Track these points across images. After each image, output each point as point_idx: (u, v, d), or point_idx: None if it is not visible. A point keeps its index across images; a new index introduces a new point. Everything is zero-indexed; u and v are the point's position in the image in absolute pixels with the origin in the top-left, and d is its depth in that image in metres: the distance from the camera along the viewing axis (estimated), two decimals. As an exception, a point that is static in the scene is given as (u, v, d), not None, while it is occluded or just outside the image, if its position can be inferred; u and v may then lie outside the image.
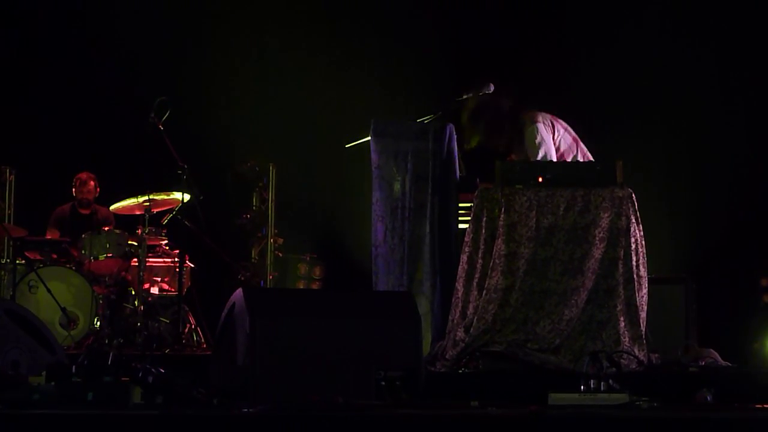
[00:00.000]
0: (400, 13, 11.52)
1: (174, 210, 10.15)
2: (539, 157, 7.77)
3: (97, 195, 11.14)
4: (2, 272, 10.00)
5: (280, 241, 11.33)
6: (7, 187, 10.71)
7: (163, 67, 11.64)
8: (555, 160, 7.81)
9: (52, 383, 5.63)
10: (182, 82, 11.40)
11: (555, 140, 7.89)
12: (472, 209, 7.46)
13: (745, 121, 10.55)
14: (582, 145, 8.00)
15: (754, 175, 10.50)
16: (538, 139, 7.79)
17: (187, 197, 10.00)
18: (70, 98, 11.87)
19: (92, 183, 11.11)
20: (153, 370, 5.67)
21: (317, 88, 11.80)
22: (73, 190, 11.16)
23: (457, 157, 7.89)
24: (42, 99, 11.84)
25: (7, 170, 10.72)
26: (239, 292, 6.33)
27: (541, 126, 7.85)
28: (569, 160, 7.88)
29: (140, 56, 11.50)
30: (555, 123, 7.95)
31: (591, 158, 7.95)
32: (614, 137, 9.95)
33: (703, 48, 10.65)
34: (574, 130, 8.05)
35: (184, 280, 10.04)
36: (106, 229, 10.51)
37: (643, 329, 7.18)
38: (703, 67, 10.58)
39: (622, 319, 7.12)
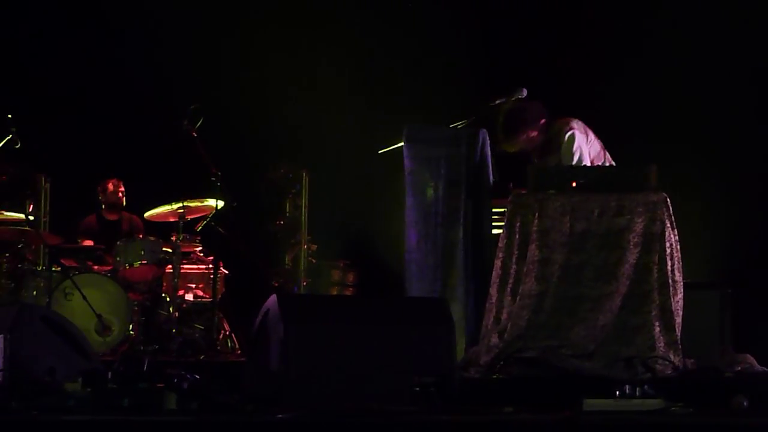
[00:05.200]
0: (432, 19, 11.51)
1: (208, 217, 10.19)
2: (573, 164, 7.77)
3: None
4: (38, 279, 10.05)
5: (314, 247, 11.33)
6: (43, 195, 10.77)
7: (196, 74, 11.68)
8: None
9: (88, 389, 5.66)
10: (215, 90, 11.44)
11: (587, 146, 7.90)
12: (506, 214, 7.44)
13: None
14: (607, 154, 8.00)
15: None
16: (575, 147, 7.79)
17: (220, 204, 10.04)
18: (104, 106, 11.93)
19: (122, 188, 11.23)
20: (188, 376, 5.69)
21: (350, 94, 11.81)
22: (101, 196, 11.25)
23: (490, 163, 7.89)
24: (77, 107, 11.91)
25: (43, 178, 10.78)
26: (273, 298, 6.34)
27: (577, 134, 7.85)
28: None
29: (174, 64, 11.55)
30: (587, 130, 7.96)
31: None
32: (649, 141, 9.90)
33: (740, 51, 10.59)
34: (600, 138, 8.05)
35: (218, 286, 10.07)
36: (141, 236, 10.56)
37: (679, 334, 7.13)
38: (739, 70, 10.52)
39: (656, 324, 7.08)
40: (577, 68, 8.19)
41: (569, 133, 7.84)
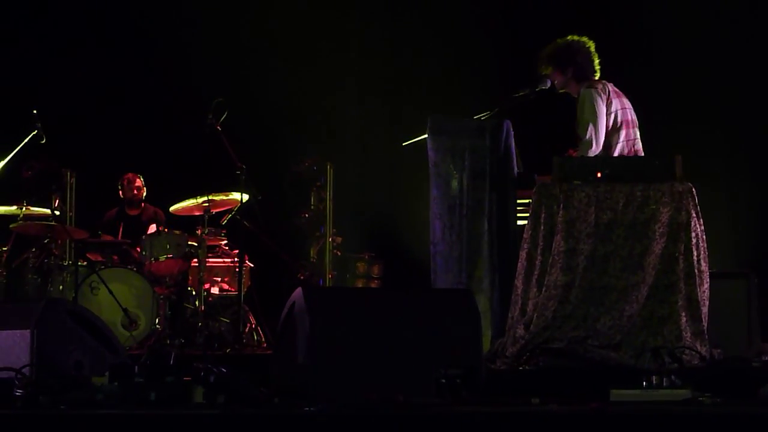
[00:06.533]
0: (456, 10, 11.50)
1: (233, 210, 10.22)
2: (587, 133, 7.77)
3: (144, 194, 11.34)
4: (64, 274, 10.10)
5: (339, 239, 11.35)
6: (69, 190, 10.82)
7: (221, 68, 11.71)
8: (602, 136, 7.78)
9: (115, 383, 5.67)
10: (240, 83, 11.47)
11: (607, 113, 7.86)
12: (531, 205, 7.43)
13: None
14: (632, 130, 7.93)
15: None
16: (587, 104, 7.78)
17: (245, 197, 10.06)
18: (129, 100, 11.97)
19: (138, 182, 11.29)
20: (214, 369, 5.69)
21: (374, 87, 11.81)
22: (120, 192, 11.31)
23: (514, 154, 7.87)
24: (102, 101, 11.95)
25: (68, 173, 10.83)
26: (299, 291, 6.34)
27: (593, 93, 7.82)
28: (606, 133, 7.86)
29: (198, 58, 11.59)
30: (613, 96, 7.90)
31: (637, 147, 7.91)
32: (674, 131, 9.87)
33: (764, 39, 10.54)
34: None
35: (243, 279, 10.10)
36: (166, 230, 10.60)
37: (705, 324, 7.12)
38: (764, 59, 10.47)
39: (683, 314, 7.07)
40: (603, 58, 8.16)
41: (584, 91, 7.86)
